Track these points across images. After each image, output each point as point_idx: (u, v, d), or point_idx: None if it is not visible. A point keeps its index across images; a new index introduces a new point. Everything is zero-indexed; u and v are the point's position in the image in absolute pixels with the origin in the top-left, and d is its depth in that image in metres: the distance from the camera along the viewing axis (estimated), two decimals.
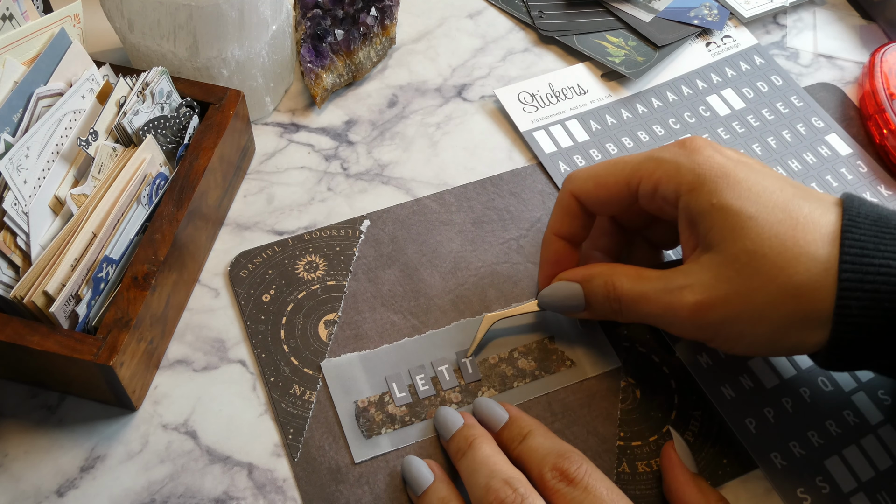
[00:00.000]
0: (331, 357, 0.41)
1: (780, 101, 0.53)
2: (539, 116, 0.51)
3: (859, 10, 0.61)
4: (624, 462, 0.38)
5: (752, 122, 0.51)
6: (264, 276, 0.43)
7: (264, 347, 0.41)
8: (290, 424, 0.39)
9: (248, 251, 0.44)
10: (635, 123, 0.51)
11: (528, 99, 0.51)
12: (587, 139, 0.50)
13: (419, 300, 0.43)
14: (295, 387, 0.40)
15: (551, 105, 0.51)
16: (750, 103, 0.52)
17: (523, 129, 0.50)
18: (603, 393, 0.41)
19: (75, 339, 0.35)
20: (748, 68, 0.54)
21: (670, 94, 0.52)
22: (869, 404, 0.40)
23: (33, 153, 0.37)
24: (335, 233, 0.46)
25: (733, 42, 0.55)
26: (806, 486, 0.38)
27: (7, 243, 0.36)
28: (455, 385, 0.40)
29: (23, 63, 0.39)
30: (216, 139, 0.43)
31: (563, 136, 0.50)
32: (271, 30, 0.47)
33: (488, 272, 0.45)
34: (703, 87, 0.53)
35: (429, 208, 0.47)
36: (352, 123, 0.51)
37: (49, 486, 0.37)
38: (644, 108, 0.52)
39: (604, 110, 0.52)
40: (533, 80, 0.53)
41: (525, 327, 0.42)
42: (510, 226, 0.47)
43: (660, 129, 0.50)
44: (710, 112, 0.52)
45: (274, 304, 0.43)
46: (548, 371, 0.41)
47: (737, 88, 0.53)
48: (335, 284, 0.43)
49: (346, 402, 0.39)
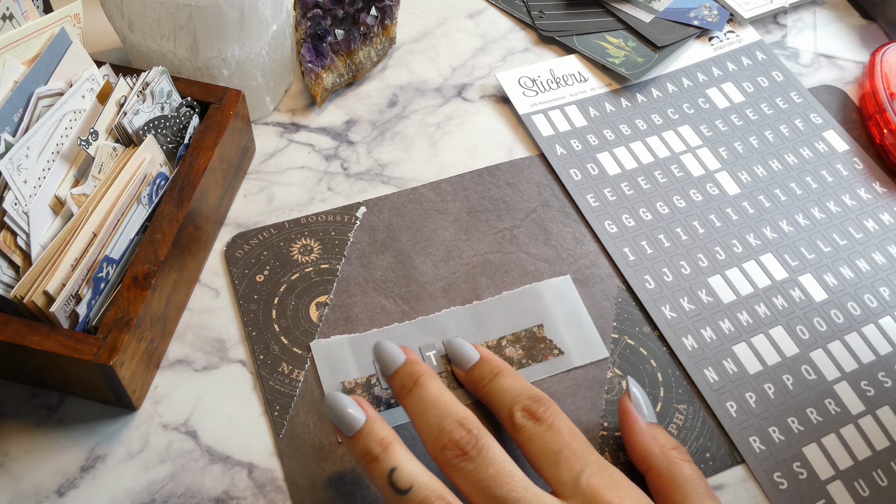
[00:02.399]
0: (320, 338, 0.41)
1: (779, 96, 0.53)
2: (539, 101, 0.51)
3: (859, 10, 0.61)
4: (606, 451, 0.39)
5: (750, 115, 0.52)
6: (259, 257, 0.44)
7: (255, 326, 0.42)
8: (276, 402, 0.39)
9: (245, 233, 0.45)
10: (633, 112, 0.51)
11: (529, 83, 0.52)
12: (585, 125, 0.50)
13: (410, 286, 0.44)
14: (283, 365, 0.40)
15: (551, 90, 0.52)
16: (749, 97, 0.53)
17: (522, 112, 0.50)
18: (589, 383, 0.41)
19: (75, 338, 0.35)
20: (749, 63, 0.55)
21: (670, 85, 0.53)
22: (851, 394, 0.41)
23: (33, 153, 0.37)
24: (331, 218, 0.46)
25: (736, 37, 0.56)
26: (783, 472, 0.38)
27: (7, 243, 0.36)
28: (442, 370, 0.41)
29: (23, 63, 0.39)
30: (216, 139, 0.43)
31: (562, 121, 0.50)
32: (271, 30, 0.47)
33: (480, 261, 0.45)
34: (704, 80, 0.53)
35: (425, 196, 0.47)
36: (352, 123, 0.51)
37: (49, 485, 0.37)
38: (643, 98, 0.52)
39: (603, 98, 0.52)
40: (535, 65, 0.53)
41: (515, 315, 0.43)
42: (505, 216, 0.47)
43: (658, 119, 0.51)
44: (708, 104, 0.52)
45: (267, 284, 0.43)
46: (535, 360, 0.41)
47: (737, 82, 0.53)
48: (328, 268, 0.44)
49: (333, 382, 0.40)
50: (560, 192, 0.48)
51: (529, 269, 0.45)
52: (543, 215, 0.47)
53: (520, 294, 0.44)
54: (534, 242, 0.46)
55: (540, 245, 0.46)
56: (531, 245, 0.46)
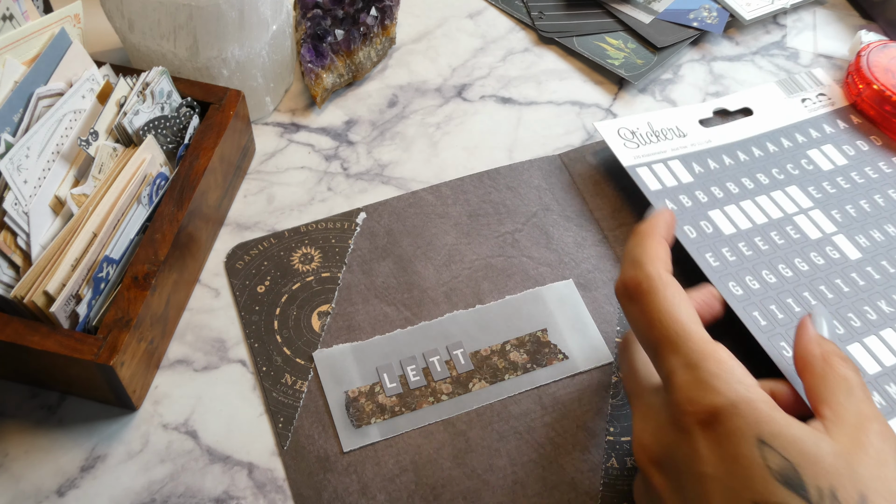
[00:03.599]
0: (323, 348, 0.41)
1: (882, 160, 0.51)
2: (641, 153, 0.49)
3: (859, 10, 0.61)
4: (613, 457, 0.39)
5: (856, 178, 0.49)
6: (260, 268, 0.44)
7: (258, 337, 0.41)
8: (280, 413, 0.39)
9: (245, 243, 0.45)
10: (738, 170, 0.49)
11: (628, 135, 0.50)
12: (691, 181, 0.48)
13: (413, 292, 0.43)
14: (286, 376, 0.40)
15: (652, 143, 0.49)
16: (852, 161, 0.50)
17: (627, 164, 0.48)
18: (594, 388, 0.41)
19: (75, 339, 0.35)
20: (846, 127, 0.52)
21: (770, 144, 0.51)
22: None
23: (33, 153, 0.37)
24: (331, 225, 0.46)
25: (828, 101, 0.54)
26: None
27: (7, 243, 0.36)
28: (446, 376, 0.40)
29: (23, 63, 0.39)
30: (216, 139, 0.43)
31: (668, 176, 0.48)
32: (271, 30, 0.47)
33: (482, 265, 0.45)
34: (803, 141, 0.51)
35: (425, 201, 0.47)
36: (352, 123, 0.51)
37: (49, 485, 0.37)
38: (745, 156, 0.50)
39: (705, 154, 0.49)
40: (631, 117, 0.51)
41: (519, 320, 0.43)
42: (506, 219, 0.47)
43: (763, 178, 0.49)
44: (812, 166, 0.50)
45: (268, 294, 0.43)
46: (539, 364, 0.41)
47: (837, 145, 0.51)
48: (329, 276, 0.44)
49: (336, 392, 0.40)
50: (560, 196, 0.48)
51: (532, 273, 0.45)
52: (544, 219, 0.47)
53: (523, 298, 0.44)
54: (535, 246, 0.46)
55: (542, 249, 0.46)
56: (533, 249, 0.46)
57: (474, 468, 0.38)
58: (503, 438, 0.39)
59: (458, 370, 0.41)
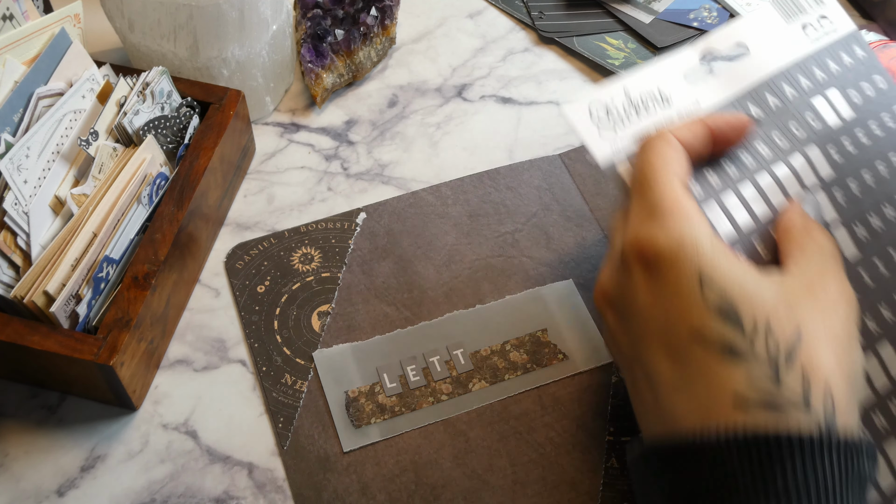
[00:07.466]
0: (323, 348, 0.41)
1: None
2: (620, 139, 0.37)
3: (859, 10, 0.61)
4: (613, 457, 0.39)
5: None
6: (260, 268, 0.44)
7: (257, 337, 0.41)
8: (280, 413, 0.39)
9: (245, 243, 0.45)
10: None
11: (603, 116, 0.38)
12: None
13: (413, 292, 0.43)
14: (286, 376, 0.40)
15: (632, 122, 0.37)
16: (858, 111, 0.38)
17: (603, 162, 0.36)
18: (594, 388, 0.41)
19: (75, 339, 0.35)
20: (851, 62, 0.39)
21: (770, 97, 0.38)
22: None
23: (34, 153, 0.37)
24: (331, 225, 0.46)
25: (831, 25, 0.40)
26: None
27: (7, 243, 0.36)
28: (446, 376, 0.40)
29: (23, 63, 0.39)
30: (216, 139, 0.43)
31: None
32: (271, 30, 0.47)
33: (483, 265, 0.45)
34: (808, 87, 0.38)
35: (425, 201, 0.47)
36: (352, 123, 0.51)
37: (49, 485, 0.37)
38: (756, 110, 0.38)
39: None
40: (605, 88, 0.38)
41: (519, 320, 0.43)
42: (506, 219, 0.47)
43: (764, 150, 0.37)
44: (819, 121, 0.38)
45: (268, 294, 0.43)
46: (540, 364, 0.41)
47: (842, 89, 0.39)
48: (329, 276, 0.44)
49: (336, 392, 0.40)
50: (560, 196, 0.48)
51: (531, 273, 0.45)
52: (544, 219, 0.47)
53: (523, 298, 0.44)
54: (535, 247, 0.46)
55: (541, 249, 0.46)
56: (533, 249, 0.46)
57: (474, 468, 0.38)
58: (503, 438, 0.39)
59: (458, 370, 0.41)
